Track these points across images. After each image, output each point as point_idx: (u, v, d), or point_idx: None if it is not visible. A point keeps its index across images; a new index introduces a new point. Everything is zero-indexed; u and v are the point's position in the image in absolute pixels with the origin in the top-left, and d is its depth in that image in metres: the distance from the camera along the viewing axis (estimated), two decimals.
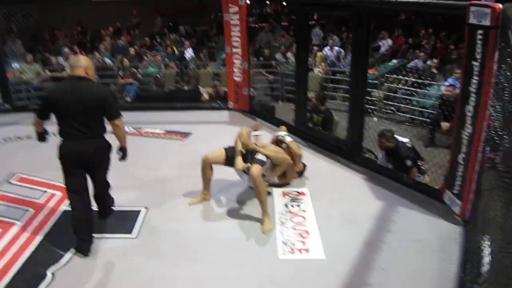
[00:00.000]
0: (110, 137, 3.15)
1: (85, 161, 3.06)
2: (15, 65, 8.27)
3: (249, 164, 3.47)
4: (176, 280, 2.83)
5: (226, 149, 3.72)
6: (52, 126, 3.12)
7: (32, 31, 11.22)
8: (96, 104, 2.97)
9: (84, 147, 3.01)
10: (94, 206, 3.30)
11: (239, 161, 3.54)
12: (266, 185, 3.55)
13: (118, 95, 7.91)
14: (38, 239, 3.26)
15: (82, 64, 3.05)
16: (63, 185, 4.02)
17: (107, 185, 3.43)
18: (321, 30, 11.19)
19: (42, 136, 3.27)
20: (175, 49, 10.78)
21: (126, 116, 5.91)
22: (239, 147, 3.60)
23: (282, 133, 4.05)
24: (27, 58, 8.33)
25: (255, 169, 3.37)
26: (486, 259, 2.44)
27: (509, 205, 2.07)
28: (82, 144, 3.00)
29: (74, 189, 3.10)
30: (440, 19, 11.81)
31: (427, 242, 3.16)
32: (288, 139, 3.97)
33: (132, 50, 9.67)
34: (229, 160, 3.66)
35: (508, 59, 2.58)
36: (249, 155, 3.57)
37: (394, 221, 3.44)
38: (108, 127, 3.13)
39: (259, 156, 3.53)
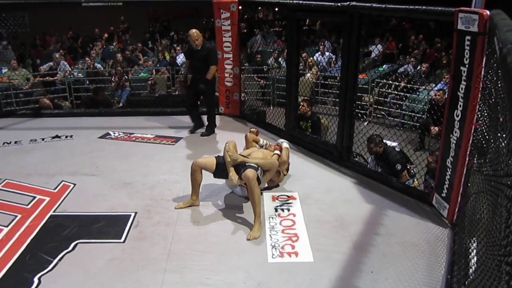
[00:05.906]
0: None
1: None
2: (4, 70, 8.23)
3: (242, 179, 3.47)
4: (165, 285, 2.81)
5: (217, 158, 3.70)
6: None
7: (23, 36, 11.19)
8: None
9: None
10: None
11: (233, 175, 3.52)
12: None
13: (110, 101, 7.90)
14: (25, 245, 3.23)
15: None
16: (51, 191, 4.03)
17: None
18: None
19: None
20: (166, 55, 10.80)
21: (117, 121, 6.06)
22: (228, 160, 3.58)
23: (280, 140, 4.14)
24: (12, 65, 8.26)
25: (250, 172, 3.38)
26: (473, 261, 2.46)
27: (494, 208, 2.08)
28: None
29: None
30: (431, 24, 11.93)
31: (415, 245, 3.17)
32: (285, 145, 4.06)
33: (119, 56, 9.60)
34: (218, 170, 3.65)
35: (495, 65, 2.61)
36: (240, 166, 3.56)
37: (383, 224, 3.45)
38: None
39: (250, 164, 3.55)
